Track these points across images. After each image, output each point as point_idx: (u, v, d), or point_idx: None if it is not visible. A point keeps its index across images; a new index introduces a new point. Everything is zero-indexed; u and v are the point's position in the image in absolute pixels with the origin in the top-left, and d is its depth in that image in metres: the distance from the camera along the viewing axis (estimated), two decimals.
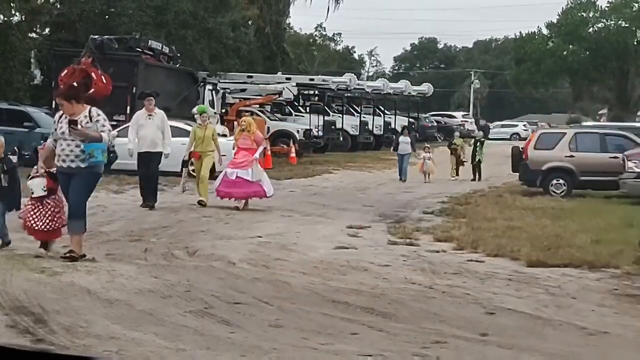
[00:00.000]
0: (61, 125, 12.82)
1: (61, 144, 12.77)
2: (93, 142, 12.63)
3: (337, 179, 32.69)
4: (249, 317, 9.62)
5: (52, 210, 13.05)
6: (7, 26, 39.82)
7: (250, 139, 20.65)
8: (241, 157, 20.56)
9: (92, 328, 8.74)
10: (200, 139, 21.02)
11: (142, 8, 43.68)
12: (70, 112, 12.77)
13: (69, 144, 12.70)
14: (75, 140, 12.66)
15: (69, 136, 12.68)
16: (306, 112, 48.90)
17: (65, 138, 12.72)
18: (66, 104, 12.84)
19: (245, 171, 20.23)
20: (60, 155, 12.76)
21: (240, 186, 20.26)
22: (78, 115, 12.73)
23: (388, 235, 16.89)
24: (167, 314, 9.53)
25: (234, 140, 21.48)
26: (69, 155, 12.69)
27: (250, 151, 20.53)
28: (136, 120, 20.20)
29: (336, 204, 22.94)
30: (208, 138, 21.08)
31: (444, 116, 78.78)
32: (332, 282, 11.87)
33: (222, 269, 12.64)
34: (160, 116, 20.09)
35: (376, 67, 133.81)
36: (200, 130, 21.20)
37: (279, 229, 17.38)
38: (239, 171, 20.22)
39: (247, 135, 20.70)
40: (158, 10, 44.50)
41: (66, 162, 12.72)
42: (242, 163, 20.38)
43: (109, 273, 11.81)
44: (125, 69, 34.26)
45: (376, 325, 9.45)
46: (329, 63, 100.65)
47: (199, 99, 38.54)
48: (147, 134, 19.72)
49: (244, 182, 20.23)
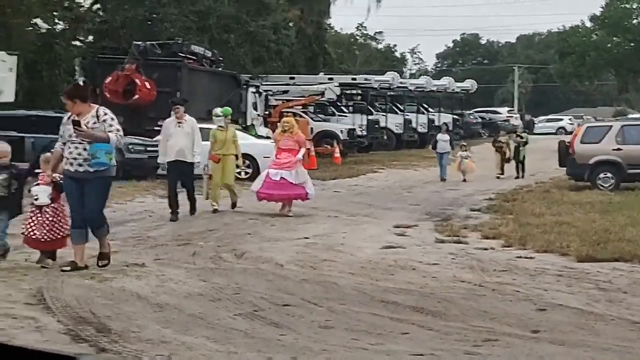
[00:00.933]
0: (68, 127, 12.26)
1: (69, 147, 12.22)
2: (99, 143, 12.09)
3: (382, 178, 32.64)
4: (298, 318, 9.62)
5: (50, 219, 12.53)
6: (51, 35, 40.19)
7: (292, 139, 20.15)
8: (284, 157, 19.99)
9: (143, 333, 8.78)
10: (221, 142, 20.35)
11: (184, 13, 43.93)
12: (75, 112, 12.23)
13: (77, 146, 12.16)
14: (84, 143, 12.12)
15: (76, 138, 12.13)
16: (349, 111, 48.90)
17: (72, 141, 12.17)
18: (70, 103, 12.28)
19: (289, 172, 19.71)
20: (68, 158, 12.22)
21: (283, 188, 19.69)
22: (84, 115, 12.19)
23: (435, 234, 16.83)
24: (217, 317, 9.55)
25: (275, 141, 20.87)
26: (77, 158, 12.16)
27: (293, 152, 20.00)
28: (165, 129, 19.39)
29: (382, 204, 22.91)
30: (229, 141, 20.45)
31: (489, 112, 78.39)
32: (381, 282, 11.85)
33: (270, 271, 12.65)
34: (190, 124, 19.15)
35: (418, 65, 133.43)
36: (220, 133, 20.51)
37: (325, 230, 17.38)
38: (283, 172, 19.69)
39: (290, 136, 20.19)
40: (200, 15, 44.73)
41: (74, 165, 12.18)
42: (286, 164, 19.83)
43: (158, 277, 11.86)
44: (169, 74, 34.43)
45: (426, 325, 9.42)
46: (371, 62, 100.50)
47: (242, 102, 38.65)
48: (176, 143, 18.87)
49: (287, 184, 19.69)
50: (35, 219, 12.52)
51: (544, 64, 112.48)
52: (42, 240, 12.49)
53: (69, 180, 12.29)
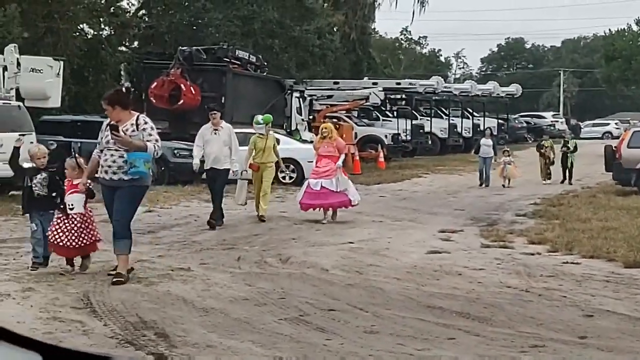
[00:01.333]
0: (107, 134, 11.93)
1: (105, 154, 11.90)
2: (137, 151, 11.71)
3: (427, 182, 32.55)
4: (344, 323, 9.60)
5: (78, 226, 12.24)
6: (98, 40, 40.50)
7: (332, 146, 19.74)
8: (324, 165, 19.59)
9: (189, 337, 8.81)
10: (260, 149, 19.89)
11: (229, 18, 44.09)
12: (115, 118, 11.87)
13: (113, 154, 11.82)
14: (120, 151, 11.77)
15: (113, 145, 11.80)
16: (394, 116, 48.79)
17: (109, 148, 11.86)
18: (110, 109, 11.91)
19: (330, 181, 19.32)
20: (103, 166, 11.91)
21: (324, 197, 19.33)
22: (124, 122, 11.84)
23: (481, 239, 16.76)
24: (262, 322, 9.56)
25: (314, 149, 20.48)
26: (112, 166, 11.83)
27: (333, 159, 19.61)
28: (201, 135, 18.74)
29: (427, 208, 22.84)
30: (269, 149, 20.00)
31: (534, 117, 77.94)
32: (426, 287, 11.81)
33: (315, 275, 12.65)
34: (227, 130, 18.64)
35: (463, 69, 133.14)
36: (260, 140, 20.03)
37: (370, 235, 17.35)
38: (323, 181, 19.33)
39: (329, 143, 19.78)
40: (245, 20, 44.88)
41: (108, 173, 11.86)
42: (325, 172, 19.44)
43: (204, 282, 11.90)
44: (214, 79, 34.56)
45: (472, 330, 9.37)
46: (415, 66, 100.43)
47: (287, 107, 38.71)
48: (213, 150, 18.39)
49: (328, 193, 19.31)
50: (63, 225, 12.25)
51: (589, 68, 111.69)
52: (69, 247, 12.25)
53: (105, 189, 12.06)
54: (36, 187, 12.63)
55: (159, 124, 33.41)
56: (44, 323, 9.29)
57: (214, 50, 36.63)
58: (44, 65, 26.33)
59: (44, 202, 12.59)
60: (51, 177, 12.63)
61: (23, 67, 25.89)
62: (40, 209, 12.65)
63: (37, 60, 26.88)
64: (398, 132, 45.23)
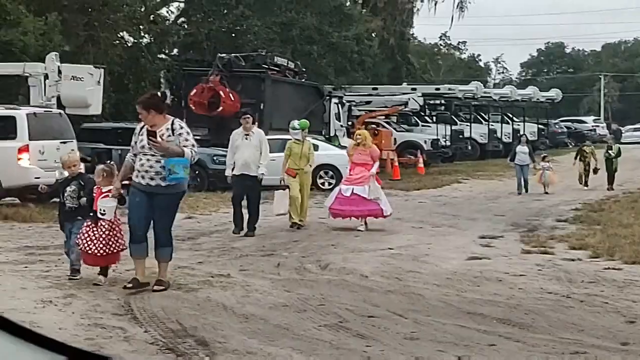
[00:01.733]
0: (141, 138, 11.67)
1: (140, 158, 11.64)
2: (174, 157, 11.48)
3: (466, 188, 32.43)
4: (384, 330, 9.58)
5: (106, 233, 11.92)
6: (137, 48, 40.73)
7: (366, 153, 19.33)
8: (357, 172, 19.21)
9: (229, 343, 8.82)
10: (297, 155, 19.58)
11: (267, 25, 44.24)
12: (150, 123, 11.61)
13: (149, 159, 11.56)
14: (156, 155, 11.51)
15: (149, 150, 11.54)
16: (433, 121, 48.69)
17: (145, 152, 11.58)
18: (145, 113, 11.65)
19: (362, 188, 18.90)
20: (140, 170, 11.63)
21: (355, 204, 18.91)
22: (159, 127, 11.59)
23: (521, 245, 16.67)
24: (302, 328, 9.56)
25: (348, 156, 19.95)
26: (149, 171, 11.57)
27: (367, 166, 19.20)
28: (232, 140, 18.57)
29: (467, 214, 22.76)
30: (305, 155, 19.70)
31: (575, 122, 77.42)
32: (467, 294, 11.76)
33: (354, 282, 12.63)
34: (258, 136, 18.43)
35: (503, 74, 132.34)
36: (296, 146, 19.70)
37: (410, 241, 17.31)
38: (355, 187, 18.93)
39: (363, 150, 19.35)
40: (283, 27, 45.01)
41: (145, 179, 11.59)
42: (358, 179, 19.06)
43: (243, 288, 11.92)
44: (253, 86, 34.69)
45: (513, 337, 9.32)
46: (454, 72, 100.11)
47: (325, 113, 38.75)
48: (243, 156, 18.13)
49: (360, 200, 18.89)
50: (92, 232, 11.95)
51: (630, 72, 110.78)
52: (98, 255, 11.95)
53: (137, 193, 11.71)
54: (67, 200, 12.60)
55: (198, 130, 33.75)
56: (85, 329, 9.34)
57: (253, 57, 36.77)
58: (85, 73, 26.54)
59: (74, 213, 12.55)
60: (80, 190, 12.52)
61: (64, 75, 26.12)
62: (72, 220, 12.56)
63: (77, 68, 27.10)
64: (437, 137, 45.15)
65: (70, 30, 36.37)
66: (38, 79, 26.38)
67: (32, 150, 21.88)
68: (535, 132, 57.38)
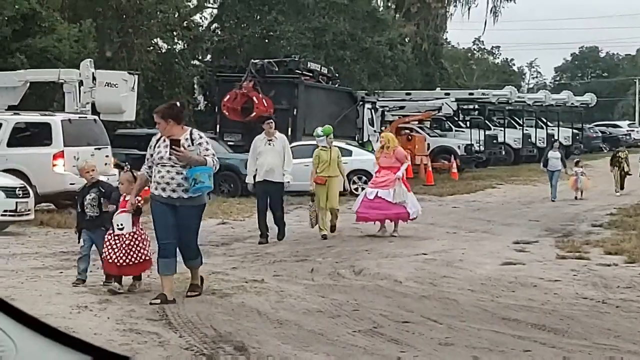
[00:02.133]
0: (159, 150, 11.29)
1: (160, 170, 11.21)
2: (197, 166, 11.12)
3: (500, 193, 32.29)
4: (418, 335, 9.55)
5: (128, 243, 11.62)
6: (171, 54, 40.95)
7: (391, 156, 18.96)
8: (382, 176, 18.89)
9: (263, 348, 8.83)
10: (325, 162, 18.93)
11: (300, 31, 44.30)
12: (167, 133, 11.24)
13: (169, 170, 11.17)
14: (177, 167, 11.14)
15: (169, 161, 11.17)
16: (467, 126, 48.54)
17: (164, 164, 11.18)
18: (163, 122, 11.24)
19: (387, 191, 18.55)
20: (160, 183, 11.21)
21: (380, 207, 18.57)
22: (177, 137, 11.21)
23: (556, 250, 16.58)
24: (336, 334, 9.55)
25: (375, 159, 19.67)
26: (170, 183, 11.16)
27: (392, 169, 18.83)
28: (255, 147, 18.10)
29: (501, 219, 22.67)
30: (334, 161, 19.03)
31: (609, 126, 76.92)
32: (501, 299, 11.71)
33: (388, 287, 12.61)
34: (281, 141, 18.05)
35: (536, 79, 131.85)
36: (324, 153, 19.10)
37: (444, 246, 17.26)
38: (379, 191, 18.63)
39: (388, 153, 18.99)
40: (316, 32, 45.06)
41: (166, 191, 11.17)
42: (383, 182, 18.75)
43: (277, 294, 11.93)
44: (286, 91, 34.72)
45: (549, 342, 9.26)
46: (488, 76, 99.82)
47: (358, 118, 38.74)
48: (266, 161, 17.72)
49: (385, 203, 18.55)
50: (113, 242, 11.68)
51: None
52: (119, 265, 11.66)
53: (160, 207, 11.29)
54: (87, 209, 12.47)
55: (232, 136, 33.97)
56: (120, 334, 9.38)
57: (286, 63, 36.81)
58: (119, 79, 26.70)
59: (96, 221, 12.46)
60: (100, 198, 12.42)
61: (98, 82, 26.28)
62: (93, 228, 12.48)
63: (112, 74, 27.27)
64: (471, 142, 44.99)
65: (105, 37, 36.64)
66: (73, 86, 26.56)
67: (67, 156, 22.02)
68: (570, 136, 57.06)
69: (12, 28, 31.44)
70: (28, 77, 27.44)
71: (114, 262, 11.65)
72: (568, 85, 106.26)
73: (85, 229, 12.54)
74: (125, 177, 12.18)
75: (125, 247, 11.61)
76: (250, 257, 15.67)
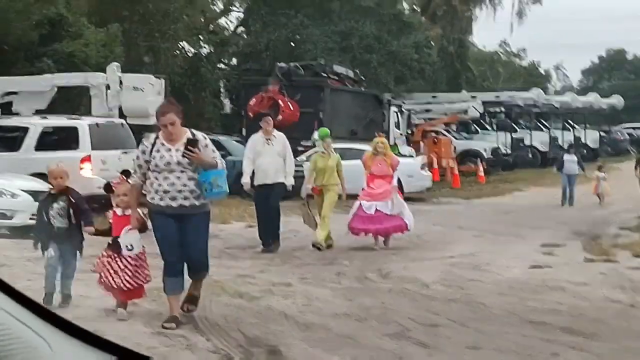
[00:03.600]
0: (161, 155, 9.86)
1: (167, 177, 9.80)
2: (210, 169, 9.96)
3: (528, 196, 32.19)
4: (446, 339, 9.53)
5: (133, 264, 10.24)
6: (198, 58, 41.11)
7: (386, 163, 17.31)
8: (378, 186, 17.20)
9: (291, 352, 8.82)
10: (321, 170, 17.41)
11: (327, 34, 44.35)
12: (171, 134, 9.90)
13: (179, 176, 9.80)
14: (187, 171, 9.80)
15: (178, 166, 9.80)
16: (493, 129, 48.42)
17: (172, 169, 9.79)
18: (178, 122, 9.92)
19: (385, 203, 17.06)
20: (168, 191, 9.78)
21: (379, 221, 17.09)
22: (181, 139, 9.91)
23: (584, 253, 16.50)
24: (364, 337, 9.54)
25: (364, 166, 17.67)
26: (182, 191, 9.80)
27: (387, 179, 17.31)
28: (252, 146, 16.75)
29: (528, 222, 22.59)
30: (332, 169, 17.39)
31: (636, 128, 76.47)
32: (529, 302, 11.66)
33: (416, 290, 12.58)
34: (280, 140, 16.69)
35: (563, 81, 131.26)
36: (322, 159, 17.54)
37: (471, 249, 17.21)
38: (377, 204, 17.04)
39: (382, 160, 17.32)
40: (343, 36, 45.09)
41: (177, 200, 9.80)
42: (380, 194, 17.13)
43: (304, 297, 11.91)
44: (312, 95, 34.67)
45: (577, 346, 9.22)
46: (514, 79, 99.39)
47: (385, 121, 38.70)
48: (264, 163, 16.51)
49: (382, 216, 17.08)
50: (115, 264, 10.22)
51: None
52: (125, 289, 10.25)
53: (165, 219, 9.89)
54: (54, 220, 10.80)
55: None
56: (148, 337, 9.39)
57: (312, 66, 36.80)
58: (146, 83, 26.80)
59: (64, 234, 10.84)
60: (69, 208, 10.82)
61: (125, 86, 26.40)
62: (61, 241, 10.85)
63: (139, 78, 27.37)
64: (498, 145, 44.88)
65: (131, 41, 36.79)
66: (100, 90, 26.69)
67: (94, 160, 22.10)
68: (597, 139, 56.84)
69: (39, 33, 31.68)
70: (55, 82, 27.62)
71: (119, 287, 10.20)
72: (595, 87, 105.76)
73: (52, 242, 10.84)
74: (126, 189, 10.32)
75: (132, 269, 10.21)
76: (277, 260, 15.67)
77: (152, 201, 9.94)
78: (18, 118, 25.14)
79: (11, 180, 19.24)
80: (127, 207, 10.27)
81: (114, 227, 10.39)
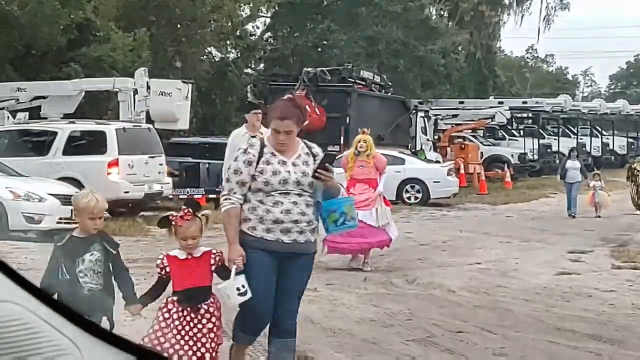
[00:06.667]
0: (274, 168, 7.12)
1: (279, 202, 7.06)
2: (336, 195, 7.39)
3: (555, 202, 32.02)
4: (472, 345, 9.50)
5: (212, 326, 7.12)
6: (225, 63, 41.24)
7: (369, 165, 14.91)
8: (360, 192, 14.50)
9: (317, 357, 8.82)
10: None
11: (353, 39, 44.39)
12: (289, 145, 7.21)
13: (296, 201, 7.09)
14: (305, 195, 7.10)
15: (296, 187, 7.10)
16: (520, 135, 48.29)
17: (288, 191, 7.08)
18: (295, 129, 7.20)
19: (368, 212, 14.37)
20: (282, 222, 7.02)
21: (361, 234, 14.00)
22: (296, 152, 7.25)
23: (611, 260, 16.42)
24: (389, 343, 9.52)
25: (344, 168, 15.02)
26: (299, 221, 7.08)
27: (370, 183, 14.88)
28: (234, 144, 12.81)
29: (555, 229, 22.49)
30: None
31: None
32: (556, 309, 11.61)
33: (442, 297, 12.55)
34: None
35: (591, 87, 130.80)
36: None
37: (497, 255, 17.15)
38: (359, 213, 11.71)
39: (365, 162, 14.91)
40: (369, 41, 45.11)
41: (292, 233, 7.08)
42: (363, 202, 14.17)
43: (330, 302, 11.91)
44: (338, 100, 34.68)
45: (604, 353, 9.17)
46: (542, 85, 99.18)
47: (411, 127, 38.67)
48: None
49: (366, 228, 14.13)
50: (186, 324, 7.02)
51: None
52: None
53: (266, 259, 7.09)
54: (84, 277, 6.87)
55: None
56: None
57: (339, 71, 36.83)
58: (173, 88, 26.87)
59: (97, 300, 6.89)
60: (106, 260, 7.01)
61: (152, 90, 26.48)
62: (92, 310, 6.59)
63: (166, 83, 27.45)
64: (525, 151, 44.76)
65: (159, 46, 36.93)
66: (127, 94, 26.79)
67: (122, 164, 22.19)
68: (625, 145, 56.56)
69: (67, 37, 31.87)
70: (83, 86, 27.77)
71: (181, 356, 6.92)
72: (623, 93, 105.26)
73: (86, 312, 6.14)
74: (198, 227, 6.97)
75: (208, 332, 7.07)
76: None
77: (252, 232, 7.09)
78: (46, 122, 25.27)
79: (39, 185, 19.34)
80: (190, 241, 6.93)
81: (175, 280, 7.10)
